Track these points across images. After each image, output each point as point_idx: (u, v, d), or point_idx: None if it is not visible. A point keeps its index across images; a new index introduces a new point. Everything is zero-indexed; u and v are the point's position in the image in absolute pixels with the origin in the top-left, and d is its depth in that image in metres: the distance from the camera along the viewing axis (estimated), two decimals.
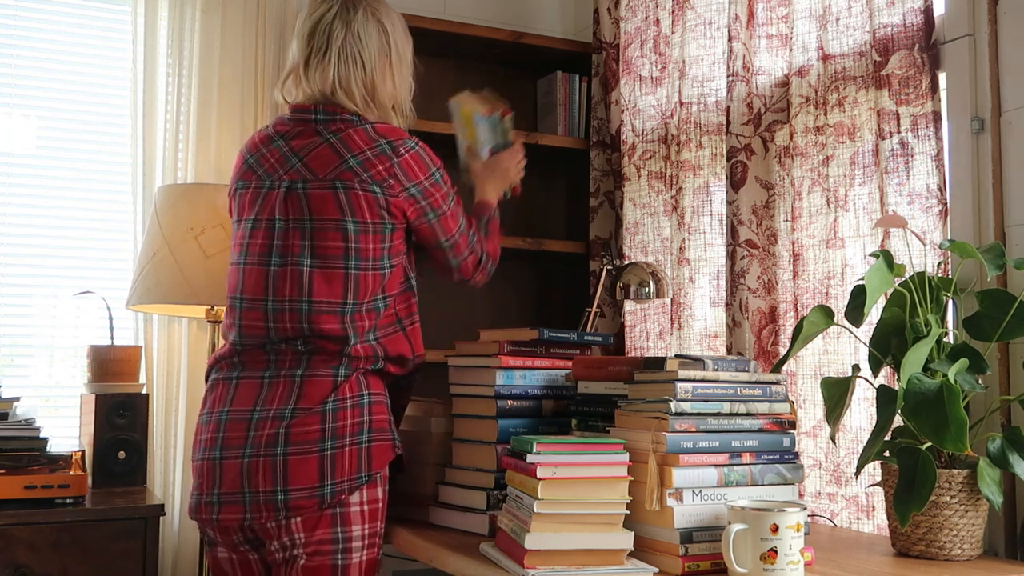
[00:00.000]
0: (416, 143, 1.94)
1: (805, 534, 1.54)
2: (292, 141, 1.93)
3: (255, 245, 1.91)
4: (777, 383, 1.75)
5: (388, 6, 2.03)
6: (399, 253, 1.93)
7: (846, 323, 1.82)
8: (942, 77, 1.97)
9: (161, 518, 2.38)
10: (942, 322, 1.76)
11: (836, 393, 1.76)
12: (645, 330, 2.80)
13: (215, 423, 1.87)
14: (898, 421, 1.73)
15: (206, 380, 1.98)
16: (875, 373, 1.83)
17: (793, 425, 1.74)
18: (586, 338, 2.10)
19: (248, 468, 1.81)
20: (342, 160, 1.88)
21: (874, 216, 2.06)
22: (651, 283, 2.54)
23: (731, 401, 1.68)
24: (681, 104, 2.65)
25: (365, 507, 1.85)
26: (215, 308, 2.62)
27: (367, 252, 1.88)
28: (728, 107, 2.41)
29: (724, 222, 2.45)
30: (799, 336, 1.80)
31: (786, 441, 1.72)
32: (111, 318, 2.67)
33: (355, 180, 1.86)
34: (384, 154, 1.89)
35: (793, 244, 2.23)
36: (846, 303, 1.83)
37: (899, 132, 2.00)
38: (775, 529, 1.48)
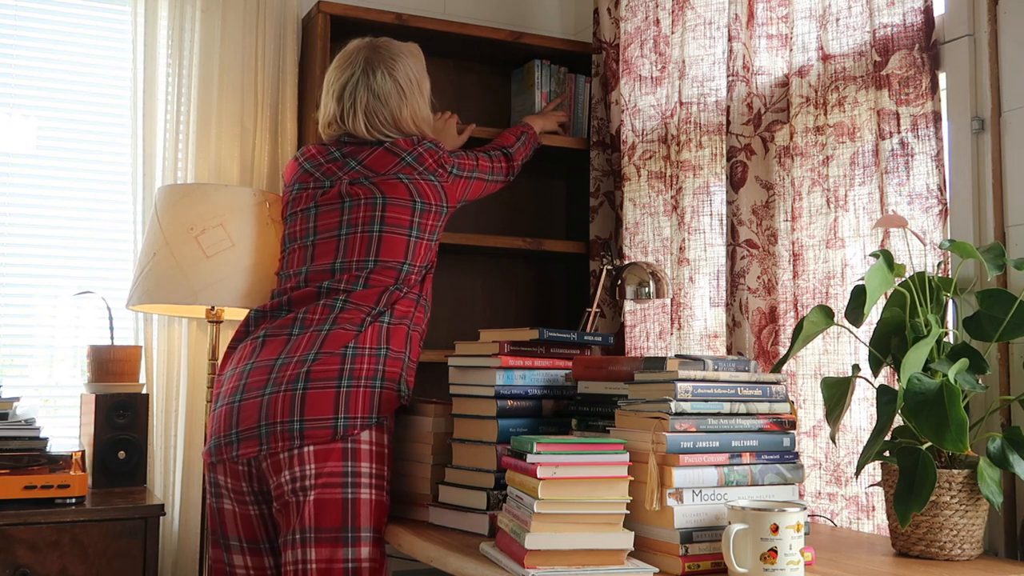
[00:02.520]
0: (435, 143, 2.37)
1: (805, 534, 1.54)
2: (346, 150, 2.31)
3: (324, 224, 2.24)
4: (777, 383, 1.75)
5: (403, 55, 2.36)
6: (441, 230, 2.31)
7: (846, 323, 1.83)
8: (942, 77, 1.97)
9: (161, 518, 2.38)
10: (942, 322, 1.76)
11: (836, 393, 1.76)
12: (645, 330, 2.80)
13: (238, 375, 2.09)
14: (898, 421, 1.73)
15: (234, 338, 2.21)
16: (875, 373, 1.84)
17: (793, 425, 1.74)
18: (586, 338, 2.10)
19: (268, 403, 2.01)
20: (399, 158, 2.27)
21: (874, 216, 2.06)
22: (651, 283, 2.54)
23: (731, 401, 1.68)
24: (681, 104, 2.65)
25: (373, 447, 2.03)
26: (215, 308, 2.62)
27: (425, 227, 2.24)
28: (728, 107, 2.41)
29: (724, 222, 2.45)
30: (799, 336, 1.80)
31: (786, 441, 1.72)
32: (111, 318, 2.67)
33: (415, 172, 2.25)
34: (431, 149, 2.30)
35: (793, 244, 2.23)
36: (846, 303, 1.83)
37: (899, 132, 2.00)
38: (775, 529, 1.48)
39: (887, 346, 1.80)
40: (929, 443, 1.64)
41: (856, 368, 1.79)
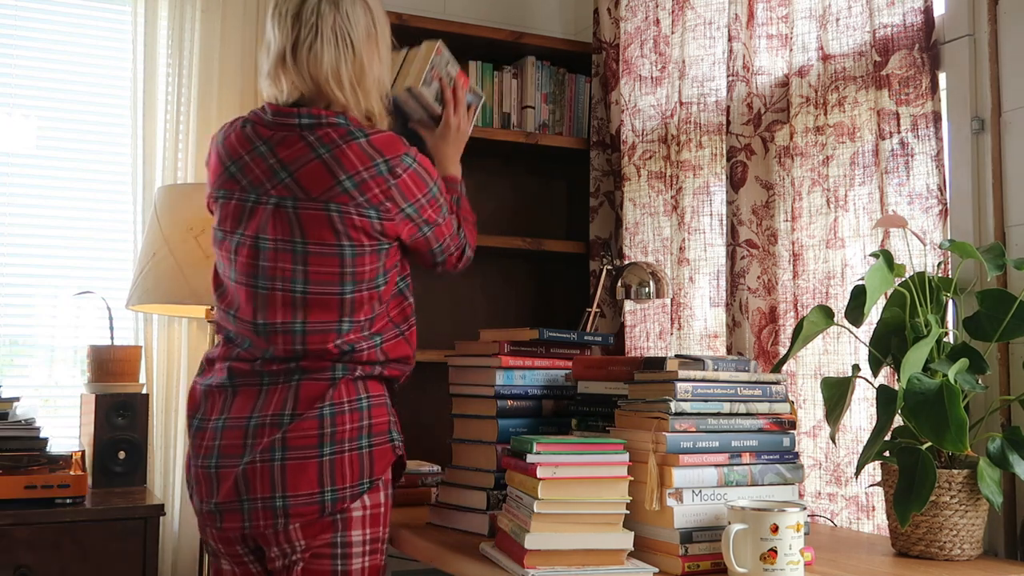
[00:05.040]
0: (413, 158, 1.84)
1: (805, 534, 1.54)
2: (277, 149, 1.82)
3: (240, 263, 1.84)
4: (777, 383, 1.74)
5: None
6: (393, 267, 1.87)
7: (846, 323, 1.82)
8: (942, 77, 1.97)
9: (161, 518, 2.38)
10: (942, 322, 1.76)
11: (836, 393, 1.76)
12: (645, 330, 2.80)
13: (211, 431, 1.82)
14: (898, 421, 1.73)
15: (200, 372, 1.92)
16: (875, 373, 1.83)
17: (793, 425, 1.74)
18: (586, 338, 2.10)
19: (245, 475, 1.76)
20: (336, 181, 1.78)
21: (874, 216, 2.06)
22: (651, 283, 2.54)
23: (731, 401, 1.68)
24: (681, 104, 2.65)
25: (367, 512, 1.79)
26: (215, 308, 2.62)
27: (363, 275, 1.81)
28: (728, 107, 2.41)
29: (724, 222, 2.45)
30: (799, 336, 1.80)
31: (786, 441, 1.72)
32: (111, 318, 2.67)
33: (350, 204, 1.78)
34: (380, 175, 1.80)
35: (793, 244, 2.23)
36: (846, 303, 1.83)
37: (899, 132, 2.00)
38: (775, 529, 1.48)
39: (887, 346, 1.80)
40: (929, 443, 1.64)
41: (856, 368, 1.79)
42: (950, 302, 1.83)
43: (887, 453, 1.74)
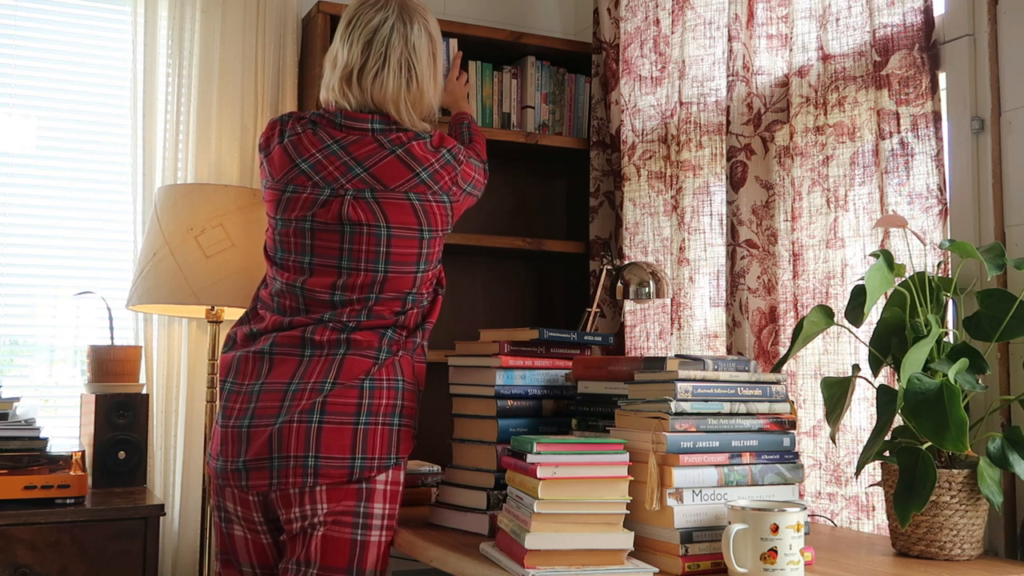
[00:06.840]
0: (462, 146, 2.08)
1: (805, 534, 1.54)
2: (350, 148, 1.97)
3: (322, 247, 1.96)
4: (777, 383, 1.75)
5: (429, 10, 2.10)
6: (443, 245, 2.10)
7: (846, 323, 1.83)
8: (942, 77, 1.97)
9: (161, 518, 2.38)
10: (942, 322, 1.76)
11: (836, 393, 1.76)
12: (645, 330, 2.80)
13: (247, 395, 1.93)
14: (898, 421, 1.73)
15: (228, 347, 2.02)
16: (875, 373, 1.84)
17: (793, 425, 1.74)
18: (586, 338, 2.10)
19: (279, 433, 1.86)
20: (413, 173, 1.97)
21: (874, 216, 2.06)
22: (651, 283, 2.54)
23: (731, 401, 1.68)
24: (681, 104, 2.65)
25: (388, 487, 1.91)
26: (215, 308, 2.62)
27: (432, 256, 2.01)
28: (728, 107, 2.41)
29: (724, 222, 2.45)
30: (799, 336, 1.80)
31: (786, 441, 1.72)
32: (111, 318, 2.67)
33: (428, 192, 1.98)
34: (449, 164, 2.01)
35: (793, 244, 2.23)
36: (846, 303, 1.83)
37: (899, 132, 2.00)
38: (775, 529, 1.48)
39: (887, 346, 1.80)
40: (929, 443, 1.64)
41: (856, 368, 1.79)
42: (950, 302, 1.83)
43: (887, 453, 1.74)
